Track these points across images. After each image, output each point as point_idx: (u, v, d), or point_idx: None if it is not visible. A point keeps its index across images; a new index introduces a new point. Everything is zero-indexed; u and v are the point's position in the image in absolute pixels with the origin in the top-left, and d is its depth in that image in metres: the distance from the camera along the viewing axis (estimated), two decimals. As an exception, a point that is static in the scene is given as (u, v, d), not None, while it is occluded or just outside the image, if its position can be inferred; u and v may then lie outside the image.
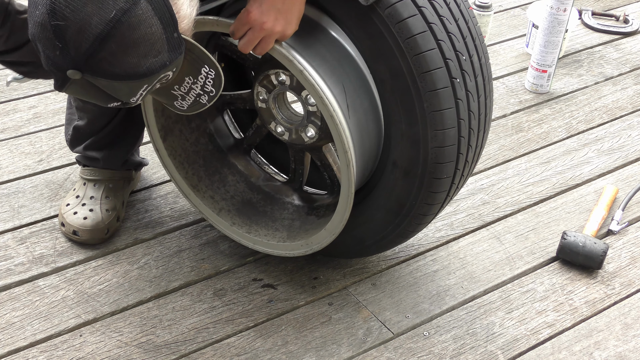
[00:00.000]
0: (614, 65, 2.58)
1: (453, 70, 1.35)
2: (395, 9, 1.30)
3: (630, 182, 2.06)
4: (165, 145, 1.65)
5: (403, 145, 1.43)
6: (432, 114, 1.36)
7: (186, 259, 1.76)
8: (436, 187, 1.46)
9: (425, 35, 1.32)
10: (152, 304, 1.65)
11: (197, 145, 1.71)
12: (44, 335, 1.56)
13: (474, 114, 1.43)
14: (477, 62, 1.42)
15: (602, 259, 1.75)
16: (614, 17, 2.83)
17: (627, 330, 1.65)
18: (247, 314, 1.64)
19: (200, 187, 1.70)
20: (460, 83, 1.37)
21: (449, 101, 1.36)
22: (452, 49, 1.35)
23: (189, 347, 1.56)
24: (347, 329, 1.62)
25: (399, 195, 1.50)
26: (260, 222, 1.69)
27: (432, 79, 1.34)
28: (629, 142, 2.22)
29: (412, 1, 1.31)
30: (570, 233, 1.78)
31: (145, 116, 1.59)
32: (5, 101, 2.25)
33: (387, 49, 1.34)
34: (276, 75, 1.50)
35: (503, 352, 1.58)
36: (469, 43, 1.40)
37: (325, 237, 1.54)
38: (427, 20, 1.32)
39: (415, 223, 1.54)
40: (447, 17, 1.35)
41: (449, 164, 1.43)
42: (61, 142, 2.09)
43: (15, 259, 1.72)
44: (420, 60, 1.32)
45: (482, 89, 1.45)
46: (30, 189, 1.93)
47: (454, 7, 1.39)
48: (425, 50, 1.32)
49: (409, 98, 1.37)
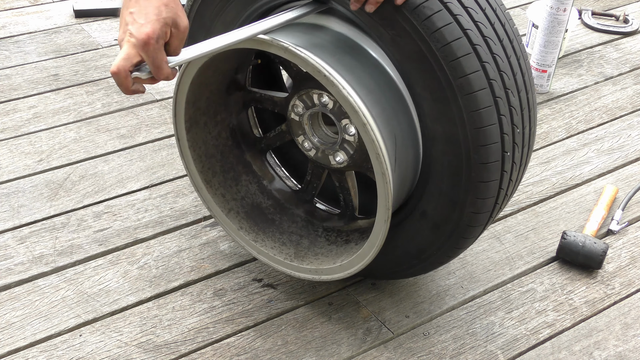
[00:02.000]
0: (613, 65, 2.58)
1: (507, 145, 1.36)
2: (467, 80, 1.29)
3: (630, 182, 2.06)
4: (188, 137, 1.62)
5: (439, 202, 1.43)
6: (477, 184, 1.37)
7: (186, 258, 1.76)
8: (461, 244, 1.48)
9: (489, 110, 1.31)
10: (152, 303, 1.65)
11: (217, 139, 1.69)
12: (44, 335, 1.56)
13: (513, 182, 1.45)
14: (527, 134, 1.43)
15: (601, 258, 1.75)
16: (614, 16, 2.84)
17: (627, 330, 1.65)
18: (247, 313, 1.64)
19: (213, 183, 1.69)
20: (509, 156, 1.38)
21: (495, 174, 1.37)
22: (510, 122, 1.36)
23: (189, 347, 1.56)
24: (347, 328, 1.62)
25: (422, 243, 1.51)
26: (267, 232, 1.68)
27: (486, 152, 1.34)
28: (628, 142, 2.22)
29: (484, 73, 1.30)
30: (570, 233, 1.78)
31: (175, 106, 1.58)
32: (5, 101, 2.25)
33: (450, 115, 1.33)
34: (319, 95, 1.49)
35: (503, 352, 1.58)
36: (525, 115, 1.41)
37: (338, 272, 1.54)
38: (494, 94, 1.31)
39: (429, 268, 1.57)
40: (513, 103, 1.35)
41: (478, 227, 1.45)
42: (61, 142, 2.09)
43: (15, 259, 1.72)
44: (479, 134, 1.32)
45: (525, 157, 1.47)
46: (30, 188, 1.93)
47: (520, 82, 1.39)
48: (487, 125, 1.32)
49: (459, 165, 1.36)
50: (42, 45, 2.55)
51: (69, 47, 2.55)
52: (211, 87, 1.58)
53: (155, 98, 2.31)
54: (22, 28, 2.65)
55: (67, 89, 2.33)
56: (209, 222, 1.86)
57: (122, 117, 2.22)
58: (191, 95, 1.55)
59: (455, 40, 1.27)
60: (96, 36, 2.62)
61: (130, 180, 1.98)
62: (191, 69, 1.48)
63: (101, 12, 2.75)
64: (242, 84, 1.65)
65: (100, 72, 2.42)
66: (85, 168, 2.01)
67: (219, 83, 1.59)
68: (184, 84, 1.52)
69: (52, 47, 2.55)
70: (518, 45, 1.39)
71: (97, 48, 2.55)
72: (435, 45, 1.28)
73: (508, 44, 1.36)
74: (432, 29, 1.27)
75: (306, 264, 1.59)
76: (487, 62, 1.30)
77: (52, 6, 2.80)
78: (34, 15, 2.73)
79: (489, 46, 1.31)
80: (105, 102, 2.28)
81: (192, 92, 1.54)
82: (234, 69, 1.60)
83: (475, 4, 1.32)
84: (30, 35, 2.61)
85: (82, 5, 2.75)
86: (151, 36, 1.17)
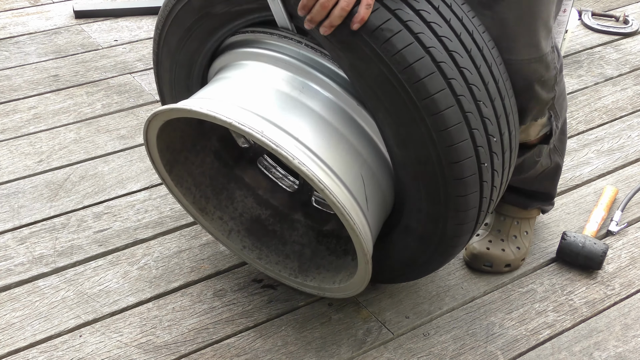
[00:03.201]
0: (613, 65, 2.58)
1: (483, 157, 1.34)
2: (433, 100, 1.25)
3: (630, 182, 2.06)
4: (172, 177, 1.61)
5: (420, 218, 1.42)
6: (455, 198, 1.35)
7: (186, 259, 1.76)
8: (451, 252, 1.48)
9: (459, 126, 1.27)
10: (152, 304, 1.65)
11: (202, 166, 1.67)
12: (44, 335, 1.56)
13: (497, 188, 1.44)
14: (507, 140, 1.40)
15: (602, 259, 1.75)
16: (614, 17, 2.84)
17: (627, 330, 1.65)
18: (247, 314, 1.64)
19: (208, 209, 1.67)
20: (487, 166, 1.36)
21: (473, 186, 1.35)
22: (484, 134, 1.33)
23: (189, 347, 1.56)
24: (347, 329, 1.62)
25: (411, 253, 1.51)
26: (270, 245, 1.67)
27: (460, 168, 1.31)
28: (628, 143, 2.22)
29: (451, 91, 1.26)
30: (570, 234, 1.78)
31: (150, 156, 1.57)
32: (5, 102, 2.25)
33: (418, 137, 1.29)
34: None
35: (503, 352, 1.58)
36: (503, 122, 1.38)
37: (337, 292, 1.56)
38: (464, 110, 1.28)
39: (425, 273, 1.58)
40: (486, 114, 1.32)
41: (464, 236, 1.44)
42: (61, 143, 2.09)
43: (15, 259, 1.72)
44: (450, 152, 1.29)
45: (509, 161, 1.45)
46: (30, 189, 1.93)
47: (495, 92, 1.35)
48: (458, 142, 1.28)
49: (435, 184, 1.34)
50: (42, 46, 2.55)
51: (69, 47, 2.55)
52: (181, 127, 1.56)
53: (155, 99, 2.31)
54: (22, 29, 2.65)
55: (67, 89, 2.33)
56: (209, 223, 1.86)
57: (122, 117, 2.22)
58: (162, 143, 1.53)
59: (417, 61, 1.23)
60: (96, 37, 2.62)
61: (130, 180, 1.98)
62: (153, 128, 1.47)
63: (101, 13, 2.76)
64: None
65: (101, 73, 2.42)
66: (85, 169, 2.01)
67: (188, 121, 1.56)
68: (151, 141, 1.51)
69: (52, 47, 2.55)
70: (489, 52, 1.34)
71: (97, 49, 2.55)
72: (397, 68, 1.23)
73: (477, 54, 1.31)
74: (392, 51, 1.22)
75: (309, 281, 1.60)
76: (454, 78, 1.26)
77: (52, 7, 2.80)
78: (34, 16, 2.74)
79: (455, 61, 1.27)
80: (105, 103, 2.28)
81: (163, 140, 1.52)
82: None
83: (439, 17, 1.27)
84: (31, 36, 2.61)
85: (82, 6, 2.75)
86: None
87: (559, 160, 1.73)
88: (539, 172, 1.69)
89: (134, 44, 2.57)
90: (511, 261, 1.74)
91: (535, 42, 1.39)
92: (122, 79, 2.40)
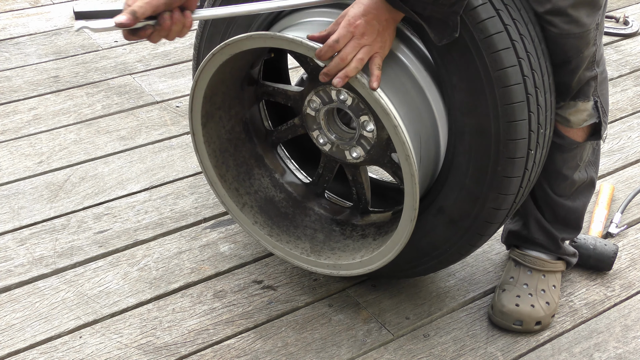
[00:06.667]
0: (613, 66, 2.58)
1: (532, 143, 1.39)
2: (505, 72, 1.32)
3: (630, 183, 2.06)
4: (204, 132, 1.62)
5: (459, 197, 1.44)
6: (502, 179, 1.39)
7: (186, 260, 1.76)
8: (476, 241, 1.49)
9: (522, 105, 1.34)
10: (152, 305, 1.65)
11: (231, 133, 1.68)
12: (44, 336, 1.56)
13: (530, 182, 1.47)
14: (547, 135, 1.45)
15: (613, 260, 1.75)
16: (614, 18, 2.84)
17: (627, 332, 1.65)
18: (247, 315, 1.64)
19: (227, 178, 1.67)
20: (532, 154, 1.40)
21: (519, 170, 1.39)
22: (537, 120, 1.38)
23: (189, 348, 1.56)
24: (347, 330, 1.62)
25: (435, 240, 1.51)
26: (282, 226, 1.67)
27: (514, 147, 1.36)
28: (628, 144, 2.22)
29: (520, 69, 1.33)
30: (579, 236, 1.77)
31: (192, 101, 1.57)
32: (5, 103, 2.25)
33: (483, 107, 1.35)
34: (338, 92, 1.49)
35: (503, 353, 1.58)
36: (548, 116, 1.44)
37: (357, 267, 1.54)
38: (527, 91, 1.34)
39: (440, 266, 1.58)
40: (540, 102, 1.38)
41: (495, 224, 1.46)
42: (61, 144, 2.10)
43: (15, 260, 1.72)
44: (510, 128, 1.35)
45: (541, 159, 1.48)
46: (30, 190, 1.93)
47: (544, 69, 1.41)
48: (519, 119, 1.34)
49: (486, 159, 1.38)
50: (42, 47, 2.55)
51: (69, 48, 2.55)
52: (227, 82, 1.58)
53: (155, 100, 2.31)
54: (23, 30, 2.65)
55: (67, 90, 2.33)
56: (209, 224, 1.86)
57: (122, 118, 2.22)
58: (208, 91, 1.54)
59: (497, 34, 1.31)
60: (96, 38, 2.62)
61: (130, 181, 1.98)
62: (211, 66, 1.48)
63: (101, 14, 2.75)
64: (255, 77, 1.65)
65: (101, 74, 2.42)
66: (85, 170, 2.01)
67: (235, 78, 1.59)
68: (203, 81, 1.51)
69: (52, 48, 2.55)
70: (544, 48, 1.41)
71: (98, 50, 2.56)
72: (479, 36, 1.31)
73: (538, 45, 1.39)
74: (477, 19, 1.30)
75: (323, 259, 1.59)
76: (523, 59, 1.33)
77: (52, 8, 2.80)
78: (34, 17, 2.74)
79: (524, 44, 1.34)
80: (106, 104, 2.28)
81: (210, 87, 1.54)
82: (249, 63, 1.60)
83: (512, 3, 1.36)
84: (31, 36, 2.61)
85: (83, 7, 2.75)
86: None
87: (593, 175, 1.66)
88: (574, 187, 1.63)
89: (134, 45, 2.57)
90: (541, 318, 1.62)
91: (575, 18, 1.38)
92: (122, 80, 2.40)
